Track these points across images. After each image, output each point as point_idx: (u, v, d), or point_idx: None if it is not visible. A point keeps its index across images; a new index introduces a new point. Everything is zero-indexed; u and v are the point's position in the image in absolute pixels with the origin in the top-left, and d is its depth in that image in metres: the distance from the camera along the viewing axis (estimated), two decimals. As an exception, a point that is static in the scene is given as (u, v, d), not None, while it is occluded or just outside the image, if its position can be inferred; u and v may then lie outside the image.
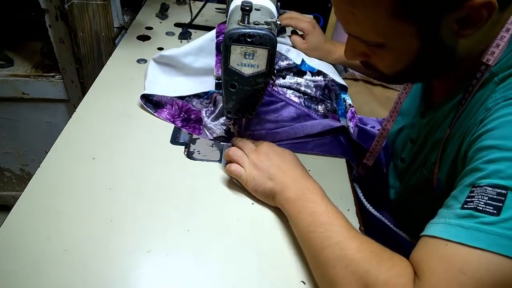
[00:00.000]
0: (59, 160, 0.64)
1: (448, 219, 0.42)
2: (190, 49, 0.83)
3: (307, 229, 0.52)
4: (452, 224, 0.41)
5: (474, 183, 0.42)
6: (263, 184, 0.59)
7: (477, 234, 0.39)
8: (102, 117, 0.74)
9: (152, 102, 0.77)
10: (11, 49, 1.11)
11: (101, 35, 0.98)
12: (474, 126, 0.48)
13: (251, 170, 0.61)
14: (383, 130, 0.74)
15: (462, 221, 0.41)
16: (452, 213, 0.42)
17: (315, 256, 0.50)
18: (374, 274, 0.43)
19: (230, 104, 0.64)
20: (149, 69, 0.84)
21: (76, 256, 0.51)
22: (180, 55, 0.82)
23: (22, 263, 0.50)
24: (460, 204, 0.42)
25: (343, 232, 0.49)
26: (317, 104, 0.83)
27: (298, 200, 0.55)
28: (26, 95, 1.06)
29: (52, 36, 0.95)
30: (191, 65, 0.83)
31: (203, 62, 0.84)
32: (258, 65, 0.58)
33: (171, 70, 0.86)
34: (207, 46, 0.82)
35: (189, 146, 0.71)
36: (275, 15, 0.62)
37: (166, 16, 1.14)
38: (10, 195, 1.36)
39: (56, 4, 0.88)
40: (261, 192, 0.60)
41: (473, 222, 0.40)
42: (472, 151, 0.46)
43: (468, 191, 0.42)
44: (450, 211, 0.43)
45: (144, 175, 0.64)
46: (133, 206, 0.59)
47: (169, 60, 0.84)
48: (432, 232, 0.43)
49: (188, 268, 0.52)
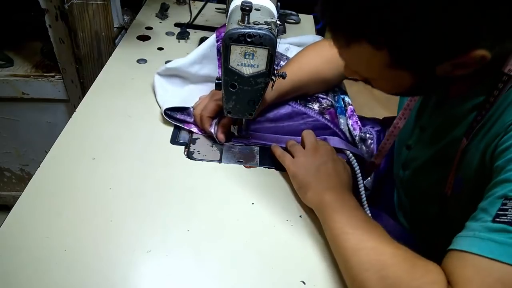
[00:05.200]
0: (59, 160, 0.64)
1: (478, 232, 0.41)
2: (194, 58, 0.82)
3: (342, 230, 0.51)
4: (483, 238, 0.40)
5: (506, 195, 0.41)
6: (304, 175, 0.60)
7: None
8: (102, 117, 0.74)
9: (176, 119, 0.75)
10: (11, 49, 1.11)
11: (101, 35, 0.98)
12: (502, 130, 0.46)
13: (300, 158, 0.63)
14: (394, 128, 0.71)
15: (494, 236, 0.39)
16: (482, 226, 0.41)
17: (348, 258, 0.49)
18: (406, 280, 0.43)
19: (230, 104, 0.64)
20: (156, 84, 0.82)
21: (76, 256, 0.51)
22: (186, 65, 0.81)
23: (22, 263, 0.50)
24: (491, 217, 0.41)
25: (379, 237, 0.49)
26: (312, 103, 0.83)
27: (336, 201, 0.55)
28: (26, 95, 1.06)
29: (52, 36, 0.95)
30: (197, 73, 0.83)
31: (208, 69, 0.84)
32: (258, 65, 0.58)
33: (179, 80, 0.84)
34: (210, 52, 0.82)
35: (189, 146, 0.71)
36: (275, 15, 0.62)
37: (166, 16, 1.14)
38: (10, 195, 1.36)
39: (56, 4, 0.88)
40: (297, 181, 0.61)
41: (507, 237, 0.38)
42: (503, 161, 0.44)
43: (500, 204, 0.41)
44: (480, 224, 0.42)
45: (144, 175, 0.64)
46: (133, 206, 0.59)
47: (175, 72, 0.83)
48: (462, 246, 0.41)
49: (188, 268, 0.52)
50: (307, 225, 0.59)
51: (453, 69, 0.46)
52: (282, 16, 1.21)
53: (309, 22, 1.26)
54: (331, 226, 0.53)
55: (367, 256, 0.47)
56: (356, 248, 0.48)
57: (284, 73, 0.63)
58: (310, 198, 0.59)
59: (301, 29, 1.21)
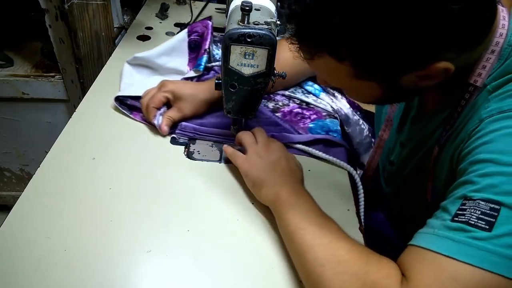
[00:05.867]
0: (59, 160, 0.65)
1: (437, 230, 0.42)
2: (163, 49, 0.85)
3: (297, 225, 0.51)
4: (441, 236, 0.41)
5: (466, 195, 0.42)
6: (258, 172, 0.59)
7: (467, 249, 0.39)
8: (102, 117, 0.74)
9: (127, 105, 0.76)
10: (11, 49, 1.11)
11: (101, 35, 0.98)
12: (466, 136, 0.48)
13: (253, 155, 0.61)
14: (380, 140, 0.72)
15: (452, 234, 0.40)
16: (442, 225, 0.42)
17: (303, 253, 0.49)
18: (362, 275, 0.43)
19: (230, 104, 0.64)
20: (124, 71, 0.84)
21: (76, 256, 0.51)
22: (154, 56, 0.84)
23: (22, 263, 0.50)
24: (450, 216, 0.42)
25: (335, 233, 0.49)
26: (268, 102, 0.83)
27: (291, 197, 0.55)
28: (26, 95, 1.06)
29: (52, 36, 0.95)
30: (165, 65, 0.85)
31: (176, 62, 0.86)
32: (258, 65, 0.58)
33: (146, 70, 0.87)
34: (180, 45, 0.85)
35: (189, 146, 0.71)
36: (275, 15, 0.62)
37: (166, 16, 1.14)
38: (10, 195, 1.36)
39: (56, 4, 0.88)
40: (250, 178, 0.60)
41: (464, 236, 0.39)
42: (465, 163, 0.45)
43: (460, 204, 0.42)
44: (439, 222, 0.42)
45: (144, 175, 0.64)
46: (133, 206, 0.59)
47: (143, 61, 0.85)
48: (420, 243, 0.42)
49: (188, 268, 0.52)
50: (307, 225, 0.59)
51: (418, 80, 0.46)
52: (282, 16, 1.21)
53: (309, 22, 1.26)
54: (286, 223, 0.53)
55: (322, 252, 0.47)
56: (311, 244, 0.48)
57: (284, 73, 0.63)
58: (265, 195, 0.58)
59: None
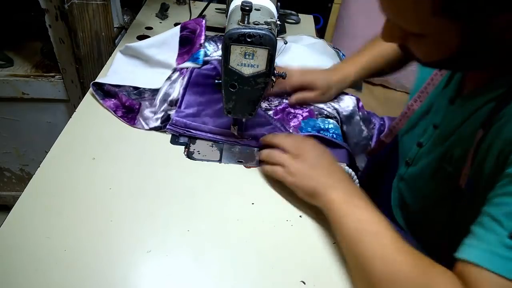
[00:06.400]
0: (59, 160, 0.65)
1: (494, 248, 0.39)
2: (154, 41, 0.87)
3: (352, 237, 0.51)
4: (502, 256, 0.38)
5: None
6: (304, 181, 0.59)
7: None
8: (102, 117, 0.74)
9: (103, 91, 0.78)
10: (11, 49, 1.11)
11: (101, 35, 0.98)
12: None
13: (292, 164, 0.60)
14: (408, 109, 0.68)
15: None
16: (499, 242, 0.39)
17: (360, 266, 0.49)
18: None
19: (230, 104, 0.64)
20: (114, 60, 0.88)
21: (76, 256, 0.51)
22: (144, 47, 0.86)
23: (22, 263, 0.50)
24: (507, 232, 0.39)
25: (392, 244, 0.48)
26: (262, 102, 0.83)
27: (344, 203, 0.54)
28: (26, 95, 1.06)
29: (52, 36, 0.95)
30: (154, 57, 0.86)
31: (165, 55, 0.87)
32: (258, 65, 0.58)
33: (135, 61, 0.89)
34: (171, 40, 0.86)
35: (189, 146, 0.71)
36: (275, 15, 0.62)
37: (166, 16, 1.15)
38: (10, 195, 1.36)
39: (56, 4, 0.88)
40: (301, 189, 0.59)
41: None
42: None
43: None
44: (494, 237, 0.40)
45: (144, 175, 0.64)
46: (133, 206, 0.59)
47: (133, 52, 0.88)
48: (479, 261, 0.40)
49: (188, 268, 0.52)
50: (307, 225, 0.59)
51: (508, 26, 0.41)
52: (282, 16, 1.21)
53: (309, 22, 1.26)
54: (342, 233, 0.52)
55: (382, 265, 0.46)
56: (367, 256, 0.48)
57: (284, 73, 0.63)
58: (320, 202, 0.57)
59: (301, 29, 1.21)
